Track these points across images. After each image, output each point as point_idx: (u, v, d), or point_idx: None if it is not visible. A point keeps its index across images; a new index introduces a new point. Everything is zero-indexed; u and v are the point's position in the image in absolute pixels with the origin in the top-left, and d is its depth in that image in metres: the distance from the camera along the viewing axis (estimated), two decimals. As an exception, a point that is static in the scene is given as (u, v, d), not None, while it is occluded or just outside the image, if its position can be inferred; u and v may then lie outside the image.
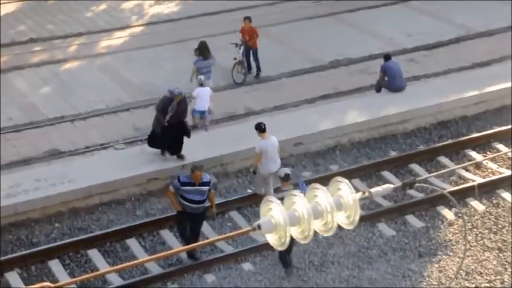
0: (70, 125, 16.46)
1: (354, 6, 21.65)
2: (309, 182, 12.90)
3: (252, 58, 18.15)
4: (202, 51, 16.58)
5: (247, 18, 18.08)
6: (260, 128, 13.80)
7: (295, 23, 20.86)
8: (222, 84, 17.82)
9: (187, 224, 12.99)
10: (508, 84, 17.56)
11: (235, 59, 17.89)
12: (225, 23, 20.70)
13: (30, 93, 17.63)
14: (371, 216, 13.88)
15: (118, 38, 20.30)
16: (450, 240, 13.52)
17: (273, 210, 5.21)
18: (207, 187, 12.70)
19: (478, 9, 21.42)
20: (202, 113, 15.75)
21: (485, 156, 15.59)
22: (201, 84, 15.72)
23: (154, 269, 12.88)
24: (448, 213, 14.12)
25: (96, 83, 18.01)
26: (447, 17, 21.13)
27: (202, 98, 15.58)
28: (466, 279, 12.69)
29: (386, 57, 17.25)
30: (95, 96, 17.44)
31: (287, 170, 12.91)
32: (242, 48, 17.97)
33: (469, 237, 13.55)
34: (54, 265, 12.85)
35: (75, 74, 18.53)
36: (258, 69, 18.15)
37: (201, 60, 16.55)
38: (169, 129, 14.44)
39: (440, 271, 12.83)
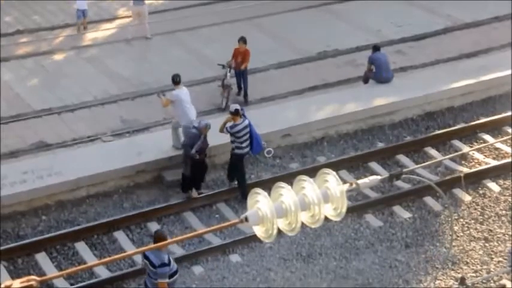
0: (57, 117, 16.39)
1: (342, -2, 21.66)
2: (296, 174, 12.92)
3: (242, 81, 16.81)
4: None
5: (242, 40, 16.59)
6: (174, 81, 14.53)
7: (283, 15, 20.84)
8: (209, 75, 17.77)
9: None
10: (493, 75, 17.66)
11: (223, 85, 16.50)
12: (212, 15, 20.68)
13: (16, 85, 17.53)
14: (358, 207, 13.92)
15: (106, 30, 20.22)
16: (437, 231, 13.59)
17: (260, 203, 5.21)
18: (161, 270, 10.22)
19: (465, 0, 21.47)
20: (83, 12, 19.64)
21: (471, 146, 15.67)
22: None
23: (142, 261, 12.88)
24: (435, 204, 14.19)
25: (84, 75, 17.94)
26: (434, 8, 21.18)
27: None
28: (453, 269, 12.77)
29: (375, 48, 17.23)
30: (82, 88, 17.38)
31: (237, 106, 13.84)
32: (230, 71, 16.52)
33: (456, 228, 13.63)
34: (41, 258, 12.80)
35: (62, 66, 18.46)
36: (245, 94, 16.75)
37: None
38: (198, 164, 13.81)
39: (427, 261, 12.90)
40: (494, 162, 15.21)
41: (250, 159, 15.25)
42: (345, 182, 5.44)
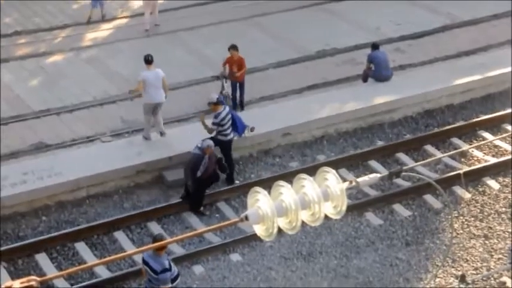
0: (56, 117, 16.40)
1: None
2: (296, 173, 12.92)
3: (238, 92, 16.21)
4: None
5: (234, 48, 15.94)
6: (146, 60, 14.94)
7: (282, 13, 20.85)
8: (209, 75, 17.77)
9: None
10: (493, 73, 17.67)
11: (221, 93, 15.80)
12: (212, 14, 20.68)
13: (16, 86, 17.54)
14: (358, 205, 13.93)
15: (105, 30, 20.22)
16: (437, 229, 13.60)
17: (260, 201, 5.22)
18: (162, 276, 10.17)
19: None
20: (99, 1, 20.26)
21: (471, 144, 15.68)
22: None
23: (143, 261, 12.87)
24: (435, 202, 14.20)
25: (83, 76, 17.95)
26: (433, 6, 21.18)
27: None
28: (453, 267, 12.78)
29: (374, 46, 17.23)
30: (81, 89, 17.38)
31: (215, 95, 14.52)
32: (226, 81, 16.13)
33: (456, 225, 13.64)
34: (41, 258, 12.82)
35: (61, 67, 18.46)
36: (242, 104, 16.30)
37: None
38: (204, 181, 13.59)
39: (427, 259, 12.91)
40: (493, 160, 15.22)
41: (251, 159, 15.28)
42: (344, 180, 5.45)
